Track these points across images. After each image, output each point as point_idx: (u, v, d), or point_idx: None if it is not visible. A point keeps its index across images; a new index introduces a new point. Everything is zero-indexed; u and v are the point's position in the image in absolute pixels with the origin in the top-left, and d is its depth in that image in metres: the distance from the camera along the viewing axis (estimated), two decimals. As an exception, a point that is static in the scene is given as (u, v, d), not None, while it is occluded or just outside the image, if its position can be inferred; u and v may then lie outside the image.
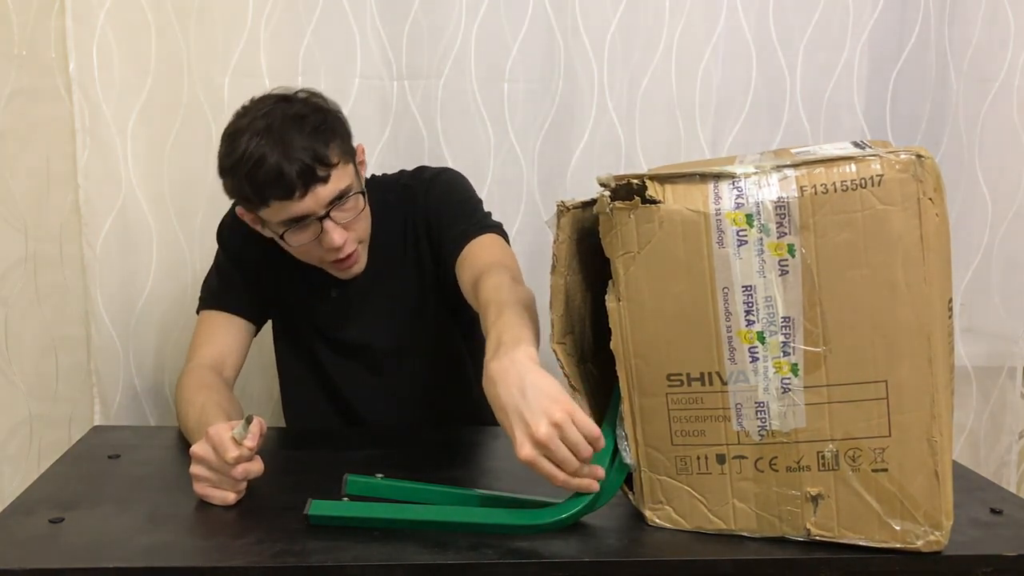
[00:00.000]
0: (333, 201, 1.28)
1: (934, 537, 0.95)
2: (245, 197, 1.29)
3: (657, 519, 1.04)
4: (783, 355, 0.96)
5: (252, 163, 1.24)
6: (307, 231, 1.30)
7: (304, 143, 1.25)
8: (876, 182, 0.91)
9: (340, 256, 1.33)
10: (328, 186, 1.27)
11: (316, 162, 1.25)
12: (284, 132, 1.25)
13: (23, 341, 1.62)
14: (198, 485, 1.10)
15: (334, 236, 1.29)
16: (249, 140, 1.25)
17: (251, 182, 1.25)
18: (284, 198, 1.25)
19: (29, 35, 1.57)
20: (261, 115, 1.27)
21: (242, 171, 1.25)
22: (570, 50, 1.71)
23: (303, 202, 1.26)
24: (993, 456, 1.94)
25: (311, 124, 1.27)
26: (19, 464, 1.62)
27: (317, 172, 1.25)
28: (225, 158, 1.28)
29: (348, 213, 1.31)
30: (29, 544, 0.99)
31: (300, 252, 1.35)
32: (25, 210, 1.61)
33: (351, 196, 1.31)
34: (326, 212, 1.28)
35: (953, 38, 1.79)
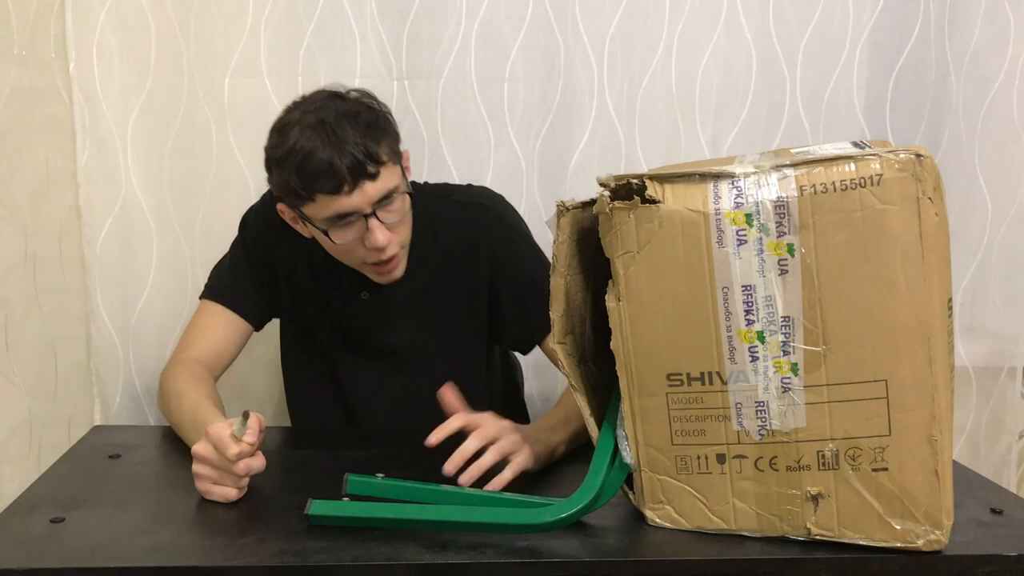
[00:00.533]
0: (381, 200, 1.27)
1: (934, 536, 0.96)
2: (292, 190, 1.26)
3: (657, 519, 1.04)
4: (783, 354, 0.96)
5: (303, 155, 1.22)
6: (352, 229, 1.28)
7: (356, 138, 1.23)
8: (875, 181, 0.91)
9: (382, 258, 1.31)
10: (377, 183, 1.25)
11: (367, 158, 1.23)
12: (336, 126, 1.23)
13: (23, 341, 1.62)
14: (200, 483, 1.10)
15: (378, 236, 1.27)
16: (300, 133, 1.24)
17: (300, 174, 1.23)
18: (333, 192, 1.23)
19: (29, 35, 1.57)
20: (313, 109, 1.26)
21: (292, 163, 1.24)
22: (570, 50, 1.71)
23: (351, 198, 1.24)
24: (993, 456, 1.94)
25: (364, 121, 1.26)
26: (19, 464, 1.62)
27: (367, 168, 1.24)
28: (274, 150, 1.27)
29: (394, 214, 1.30)
30: (29, 544, 0.99)
31: (341, 252, 1.33)
32: (25, 210, 1.60)
33: (398, 196, 1.29)
34: (372, 210, 1.26)
35: (953, 38, 1.79)
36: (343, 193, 1.24)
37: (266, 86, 1.65)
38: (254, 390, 1.74)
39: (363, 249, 1.30)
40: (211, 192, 1.67)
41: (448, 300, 1.45)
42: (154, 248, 1.68)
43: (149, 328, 1.70)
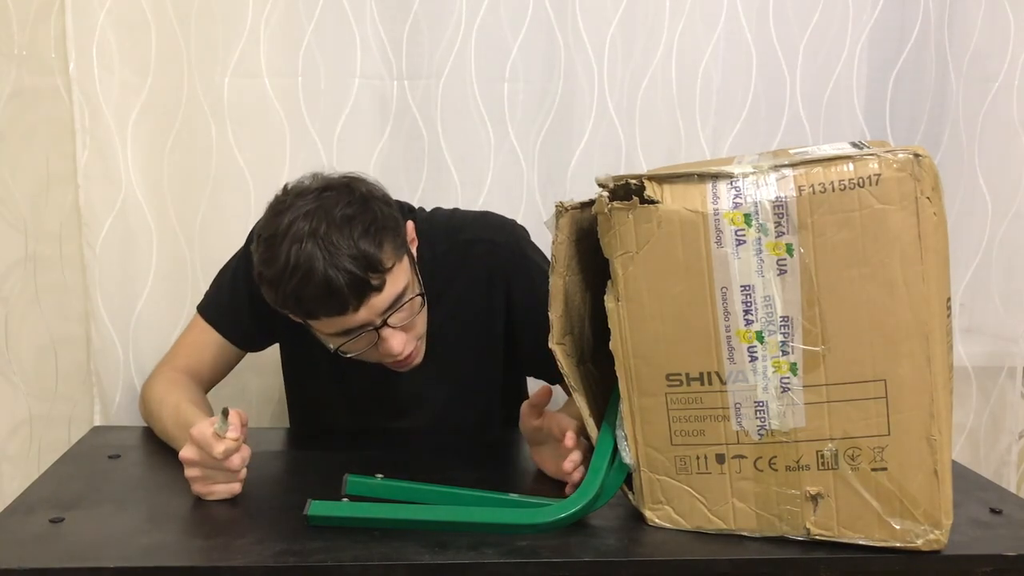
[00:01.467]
0: (389, 308, 1.17)
1: (934, 536, 0.96)
2: (291, 310, 1.17)
3: (657, 519, 1.04)
4: (782, 354, 0.96)
5: (299, 276, 1.11)
6: (363, 339, 1.19)
7: (354, 250, 1.11)
8: (874, 181, 0.91)
9: (401, 358, 1.23)
10: (383, 294, 1.15)
11: (369, 271, 1.12)
12: (328, 238, 1.11)
13: (23, 341, 1.62)
14: (198, 486, 1.10)
15: (393, 344, 1.19)
16: (290, 246, 1.11)
17: (297, 297, 1.13)
18: (337, 314, 1.14)
19: (29, 35, 1.57)
20: (302, 215, 1.13)
21: (287, 285, 1.12)
22: (570, 50, 1.71)
23: (357, 315, 1.15)
24: (993, 456, 1.93)
25: (361, 225, 1.13)
26: (19, 464, 1.62)
27: (371, 281, 1.13)
28: (265, 266, 1.15)
29: (407, 316, 1.21)
30: (29, 544, 0.99)
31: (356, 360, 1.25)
32: (25, 210, 1.61)
33: (410, 299, 1.20)
34: (383, 321, 1.17)
35: (953, 38, 1.79)
36: (349, 313, 1.14)
37: (266, 86, 1.65)
38: (254, 390, 1.74)
39: (378, 353, 1.22)
40: (211, 192, 1.67)
41: (465, 346, 1.39)
42: (154, 248, 1.68)
43: (149, 328, 1.70)
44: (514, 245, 1.38)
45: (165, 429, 1.27)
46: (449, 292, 1.36)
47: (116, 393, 1.69)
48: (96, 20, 1.59)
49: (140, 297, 1.69)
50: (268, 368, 1.67)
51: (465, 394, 1.43)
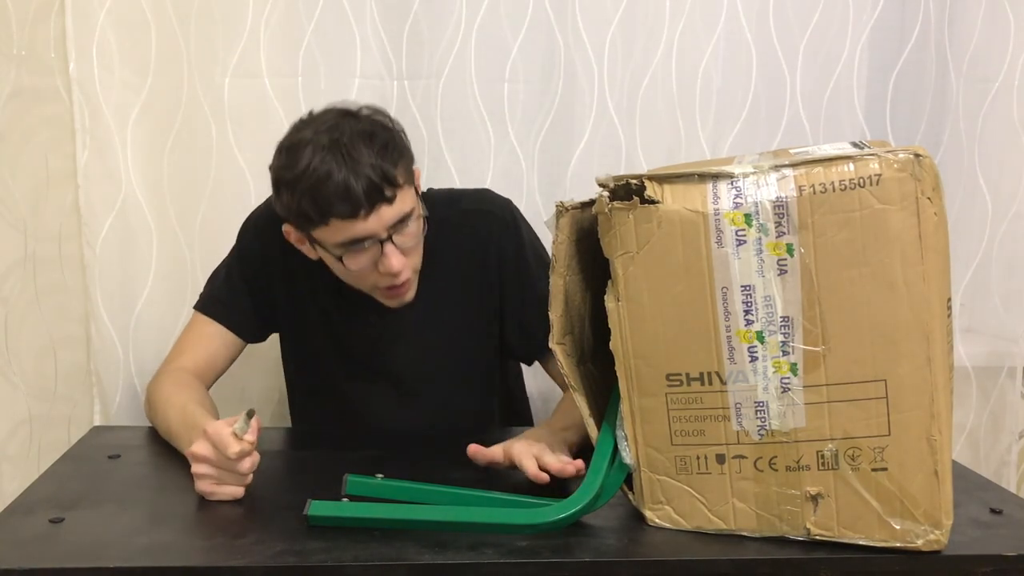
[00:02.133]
0: (397, 223, 1.23)
1: (934, 536, 0.96)
2: (303, 214, 1.21)
3: (657, 519, 1.04)
4: (782, 354, 0.96)
5: (316, 178, 1.17)
6: (366, 254, 1.24)
7: (372, 160, 1.18)
8: (874, 181, 0.91)
9: (396, 283, 1.28)
10: (393, 207, 1.21)
11: (384, 181, 1.19)
12: (352, 147, 1.18)
13: (23, 341, 1.62)
14: (202, 483, 1.09)
15: (393, 261, 1.23)
16: (313, 154, 1.18)
17: (314, 198, 1.18)
18: (348, 217, 1.19)
19: (29, 35, 1.57)
20: (325, 128, 1.21)
21: (304, 186, 1.18)
22: (570, 50, 1.71)
23: (367, 222, 1.20)
24: (993, 456, 1.93)
25: (380, 141, 1.21)
26: (19, 464, 1.62)
27: (384, 191, 1.19)
28: (283, 170, 1.21)
29: (409, 239, 1.26)
30: (29, 544, 0.99)
31: (352, 277, 1.29)
32: (25, 210, 1.60)
33: (413, 220, 1.26)
34: (388, 235, 1.22)
35: (953, 38, 1.79)
36: (359, 218, 1.19)
37: (266, 86, 1.65)
38: (254, 390, 1.74)
39: (376, 274, 1.27)
40: (211, 192, 1.67)
41: (460, 316, 1.42)
42: (154, 248, 1.68)
43: (149, 328, 1.70)
44: (509, 218, 1.43)
45: (170, 428, 1.27)
46: (447, 258, 1.39)
47: (116, 393, 1.69)
48: (96, 20, 1.59)
49: (140, 297, 1.69)
50: (268, 368, 1.67)
51: (464, 363, 1.45)
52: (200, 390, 1.36)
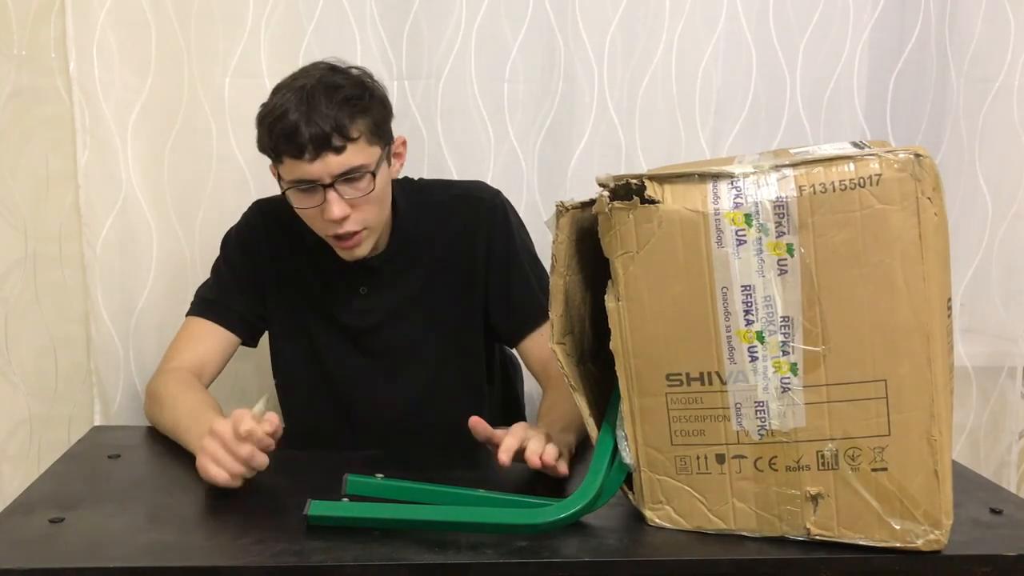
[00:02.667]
0: (343, 174, 1.27)
1: (934, 536, 0.96)
2: (265, 148, 1.31)
3: (657, 519, 1.04)
4: (782, 354, 0.96)
5: (275, 116, 1.26)
6: (310, 197, 1.29)
7: (329, 110, 1.25)
8: (874, 181, 0.91)
9: (339, 231, 1.31)
10: (340, 157, 1.26)
11: (334, 131, 1.25)
12: (313, 95, 1.25)
13: (23, 341, 1.62)
14: (202, 458, 1.10)
15: (333, 209, 1.28)
16: (284, 95, 1.27)
17: (270, 134, 1.27)
18: (294, 157, 1.26)
19: (29, 35, 1.57)
20: (304, 76, 1.30)
21: (267, 121, 1.28)
22: (570, 50, 1.71)
23: (312, 166, 1.26)
24: (993, 456, 1.93)
25: (343, 95, 1.27)
26: (19, 464, 1.62)
27: (332, 141, 1.25)
28: (261, 108, 1.31)
29: (355, 191, 1.29)
30: (29, 544, 0.99)
31: (305, 218, 1.34)
32: (25, 210, 1.61)
33: (365, 175, 1.29)
34: (331, 182, 1.27)
35: (953, 38, 1.79)
36: (304, 160, 1.25)
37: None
38: (253, 390, 1.74)
39: (322, 221, 1.31)
40: (211, 192, 1.67)
41: (448, 296, 1.46)
42: (154, 248, 1.68)
43: (149, 328, 1.70)
44: (500, 207, 1.47)
45: (178, 426, 1.27)
46: (437, 238, 1.44)
47: (116, 393, 1.69)
48: (96, 20, 1.59)
49: (140, 297, 1.69)
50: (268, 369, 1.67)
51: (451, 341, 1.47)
52: (206, 392, 1.37)
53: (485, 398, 1.53)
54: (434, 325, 1.46)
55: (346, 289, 1.45)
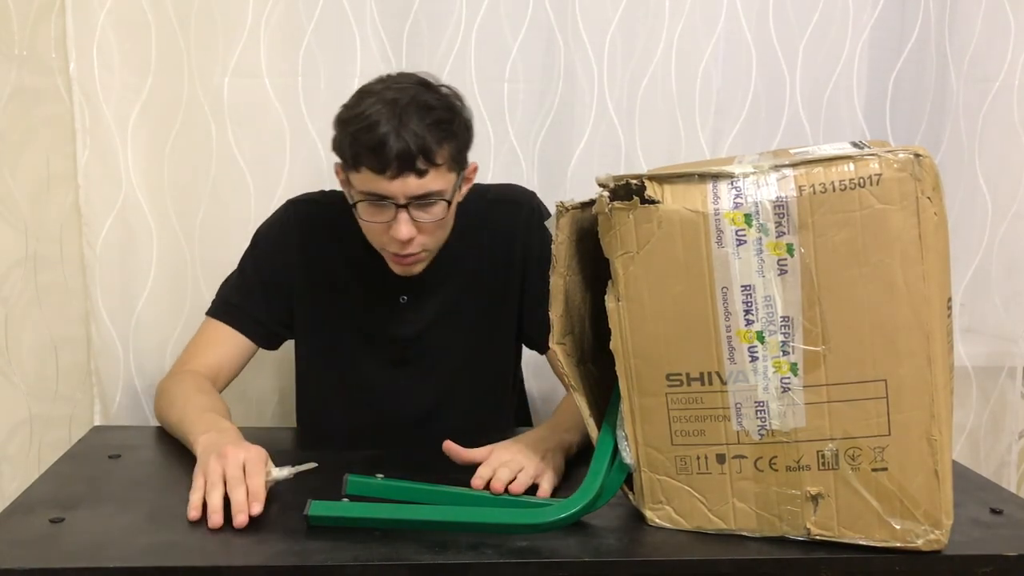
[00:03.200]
0: (420, 197, 1.26)
1: (934, 536, 0.96)
2: (343, 154, 1.28)
3: (657, 519, 1.04)
4: (782, 354, 0.96)
5: (363, 124, 1.23)
6: (381, 212, 1.28)
7: (419, 130, 1.22)
8: (874, 181, 0.91)
9: (402, 252, 1.31)
10: (421, 180, 1.24)
11: (420, 152, 1.22)
12: (407, 112, 1.23)
13: (23, 341, 1.62)
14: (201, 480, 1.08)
15: (402, 229, 1.26)
16: (374, 104, 1.24)
17: (354, 143, 1.25)
18: (375, 171, 1.23)
19: (29, 35, 1.57)
20: (396, 87, 1.27)
21: (351, 128, 1.25)
22: (570, 50, 1.71)
23: (391, 184, 1.24)
24: (993, 456, 1.93)
25: (435, 117, 1.25)
26: (19, 464, 1.62)
27: (416, 163, 1.23)
28: (345, 110, 1.29)
29: (427, 216, 1.28)
30: (29, 544, 0.99)
31: (366, 228, 1.32)
32: (25, 210, 1.61)
33: (440, 202, 1.28)
34: (406, 203, 1.26)
35: (953, 38, 1.79)
36: (384, 176, 1.23)
37: (266, 86, 1.65)
38: (254, 391, 1.74)
39: (386, 235, 1.30)
40: (211, 192, 1.67)
41: (486, 303, 1.45)
42: (154, 248, 1.68)
43: (149, 328, 1.70)
44: (536, 210, 1.46)
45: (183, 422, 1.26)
46: (472, 246, 1.43)
47: (116, 393, 1.69)
48: (96, 20, 1.59)
49: (140, 297, 1.69)
50: (268, 369, 1.67)
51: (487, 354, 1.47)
52: (217, 396, 1.35)
53: (511, 402, 1.53)
54: (471, 333, 1.45)
55: (388, 297, 1.42)
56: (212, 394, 1.35)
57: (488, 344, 1.47)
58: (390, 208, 1.26)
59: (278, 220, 1.47)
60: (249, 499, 1.04)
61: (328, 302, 1.44)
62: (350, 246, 1.39)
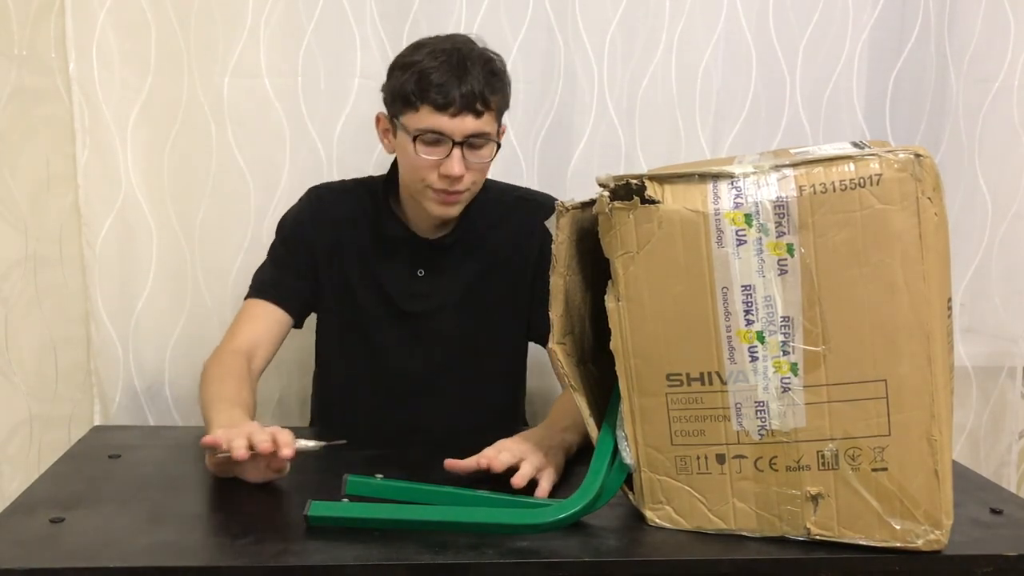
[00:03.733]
0: (474, 136, 1.34)
1: (934, 536, 0.96)
2: (404, 95, 1.34)
3: (657, 519, 1.04)
4: (782, 354, 0.96)
5: (429, 67, 1.32)
6: (436, 149, 1.35)
7: (480, 75, 1.33)
8: (875, 181, 0.91)
9: (449, 188, 1.36)
10: (477, 121, 1.34)
11: (480, 97, 1.32)
12: (469, 58, 1.34)
13: (23, 341, 1.62)
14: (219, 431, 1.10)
15: (455, 165, 1.34)
16: (435, 50, 1.34)
17: (419, 81, 1.32)
18: (439, 108, 1.32)
19: (29, 35, 1.57)
20: (451, 40, 1.37)
21: (416, 69, 1.33)
22: (570, 50, 1.71)
23: (452, 120, 1.32)
24: (993, 456, 1.93)
25: (491, 69, 1.36)
26: (19, 464, 1.62)
27: (476, 104, 1.32)
28: (402, 57, 1.38)
29: (478, 157, 1.37)
30: (29, 544, 0.98)
31: (414, 167, 1.38)
32: (25, 210, 1.61)
33: (489, 144, 1.38)
34: (462, 141, 1.34)
35: (953, 38, 1.79)
36: (447, 113, 1.32)
37: (266, 86, 1.65)
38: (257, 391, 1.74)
39: (435, 174, 1.36)
40: (211, 192, 1.67)
41: (500, 292, 1.50)
42: (154, 248, 1.68)
43: (149, 328, 1.70)
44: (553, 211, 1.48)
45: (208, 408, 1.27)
46: (496, 237, 1.50)
47: (116, 393, 1.69)
48: (96, 20, 1.59)
49: (140, 297, 1.69)
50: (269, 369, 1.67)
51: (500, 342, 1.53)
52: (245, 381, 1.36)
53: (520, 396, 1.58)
54: (484, 318, 1.50)
55: (405, 269, 1.49)
56: (241, 379, 1.35)
57: (502, 332, 1.52)
58: (446, 145, 1.34)
59: (300, 204, 1.53)
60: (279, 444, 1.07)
61: (350, 275, 1.50)
62: (371, 223, 1.48)
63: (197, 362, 1.64)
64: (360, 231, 1.49)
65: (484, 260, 1.49)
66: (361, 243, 1.49)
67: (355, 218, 1.49)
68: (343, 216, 1.49)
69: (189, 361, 1.70)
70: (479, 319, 1.50)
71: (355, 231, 1.49)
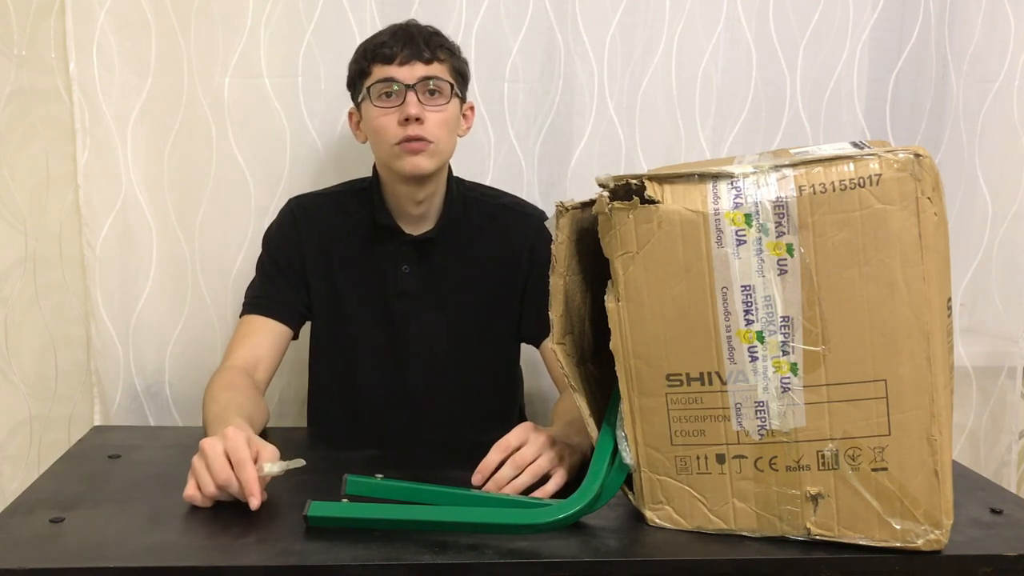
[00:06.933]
0: (426, 80, 1.40)
1: (934, 536, 0.96)
2: (356, 70, 1.44)
3: (657, 519, 1.04)
4: (782, 354, 0.96)
5: (376, 39, 1.43)
6: (391, 100, 1.40)
7: (424, 35, 1.42)
8: (874, 181, 0.91)
9: (410, 133, 1.38)
10: (427, 67, 1.40)
11: (426, 45, 1.40)
12: (411, 24, 1.44)
13: (23, 341, 1.62)
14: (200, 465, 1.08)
15: (410, 107, 1.38)
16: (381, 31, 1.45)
17: (364, 50, 1.43)
18: (385, 62, 1.40)
19: (29, 35, 1.57)
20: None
21: (362, 47, 1.44)
22: (570, 50, 1.71)
23: (400, 68, 1.39)
24: (993, 456, 1.94)
25: (440, 36, 1.45)
26: (19, 464, 1.63)
27: (423, 52, 1.40)
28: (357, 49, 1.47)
29: (435, 103, 1.41)
30: (29, 544, 0.98)
31: (379, 130, 1.41)
32: (25, 210, 1.61)
33: (443, 87, 1.42)
34: (414, 84, 1.39)
35: (953, 38, 1.79)
36: (395, 63, 1.39)
37: (266, 86, 1.65)
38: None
39: (396, 127, 1.39)
40: (211, 192, 1.67)
41: (486, 294, 1.51)
42: (154, 248, 1.68)
43: (149, 328, 1.70)
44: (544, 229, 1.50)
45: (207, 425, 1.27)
46: (483, 240, 1.52)
47: (116, 393, 1.69)
48: (96, 20, 1.59)
49: (140, 297, 1.69)
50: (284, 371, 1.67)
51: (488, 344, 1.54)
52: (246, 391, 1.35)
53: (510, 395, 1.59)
54: (469, 315, 1.51)
55: (390, 264, 1.50)
56: (239, 389, 1.34)
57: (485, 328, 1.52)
58: (400, 95, 1.39)
59: (281, 216, 1.55)
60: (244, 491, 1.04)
61: (336, 279, 1.51)
62: (353, 225, 1.50)
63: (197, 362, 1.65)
64: (343, 235, 1.51)
65: (469, 262, 1.51)
66: (344, 242, 1.51)
67: (338, 223, 1.51)
68: (325, 222, 1.51)
69: (189, 361, 1.70)
70: (464, 316, 1.51)
71: (339, 236, 1.51)
